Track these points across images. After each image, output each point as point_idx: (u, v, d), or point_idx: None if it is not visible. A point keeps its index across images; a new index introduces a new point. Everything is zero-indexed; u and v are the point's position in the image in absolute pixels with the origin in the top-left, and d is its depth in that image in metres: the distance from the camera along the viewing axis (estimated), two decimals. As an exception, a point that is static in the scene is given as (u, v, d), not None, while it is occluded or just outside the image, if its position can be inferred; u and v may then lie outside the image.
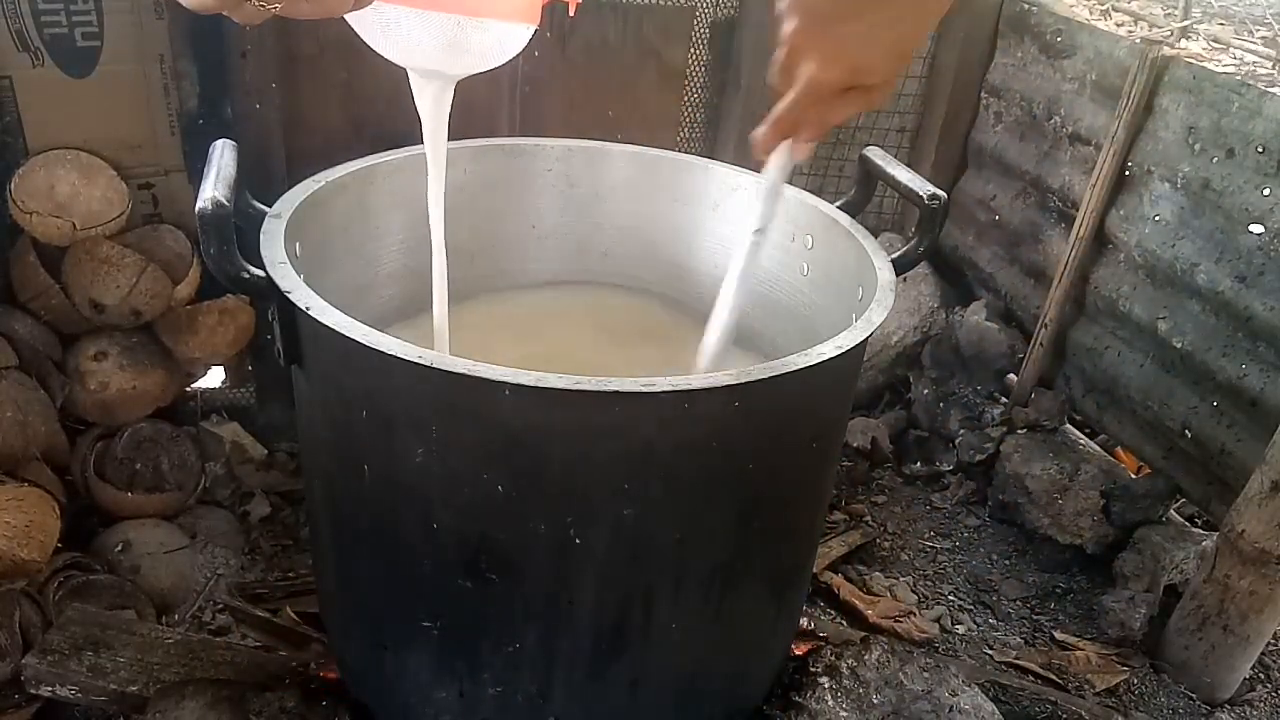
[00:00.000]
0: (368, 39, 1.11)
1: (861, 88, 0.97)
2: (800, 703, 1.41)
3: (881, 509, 2.14)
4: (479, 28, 1.09)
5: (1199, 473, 1.87)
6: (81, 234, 1.62)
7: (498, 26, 1.11)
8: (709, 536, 1.13)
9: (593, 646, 1.16)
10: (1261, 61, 2.14)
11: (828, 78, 0.96)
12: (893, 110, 2.37)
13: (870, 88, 0.98)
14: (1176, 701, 1.72)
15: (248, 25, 0.85)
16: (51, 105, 1.61)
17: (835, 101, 0.99)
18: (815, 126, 1.03)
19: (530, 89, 1.94)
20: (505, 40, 1.14)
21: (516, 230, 1.57)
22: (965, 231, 2.44)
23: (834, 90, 0.98)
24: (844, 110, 1.00)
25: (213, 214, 1.00)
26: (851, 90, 0.98)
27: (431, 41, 1.08)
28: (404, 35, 1.08)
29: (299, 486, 1.92)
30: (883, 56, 0.96)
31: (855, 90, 0.98)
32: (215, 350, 1.80)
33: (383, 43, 1.10)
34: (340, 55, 1.77)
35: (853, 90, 0.98)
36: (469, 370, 0.93)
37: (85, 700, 1.40)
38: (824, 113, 1.00)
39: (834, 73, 0.96)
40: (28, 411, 1.58)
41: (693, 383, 0.96)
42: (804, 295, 1.44)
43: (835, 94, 0.98)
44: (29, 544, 1.49)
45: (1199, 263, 1.82)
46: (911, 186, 1.30)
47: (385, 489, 1.10)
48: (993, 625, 1.87)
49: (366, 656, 1.30)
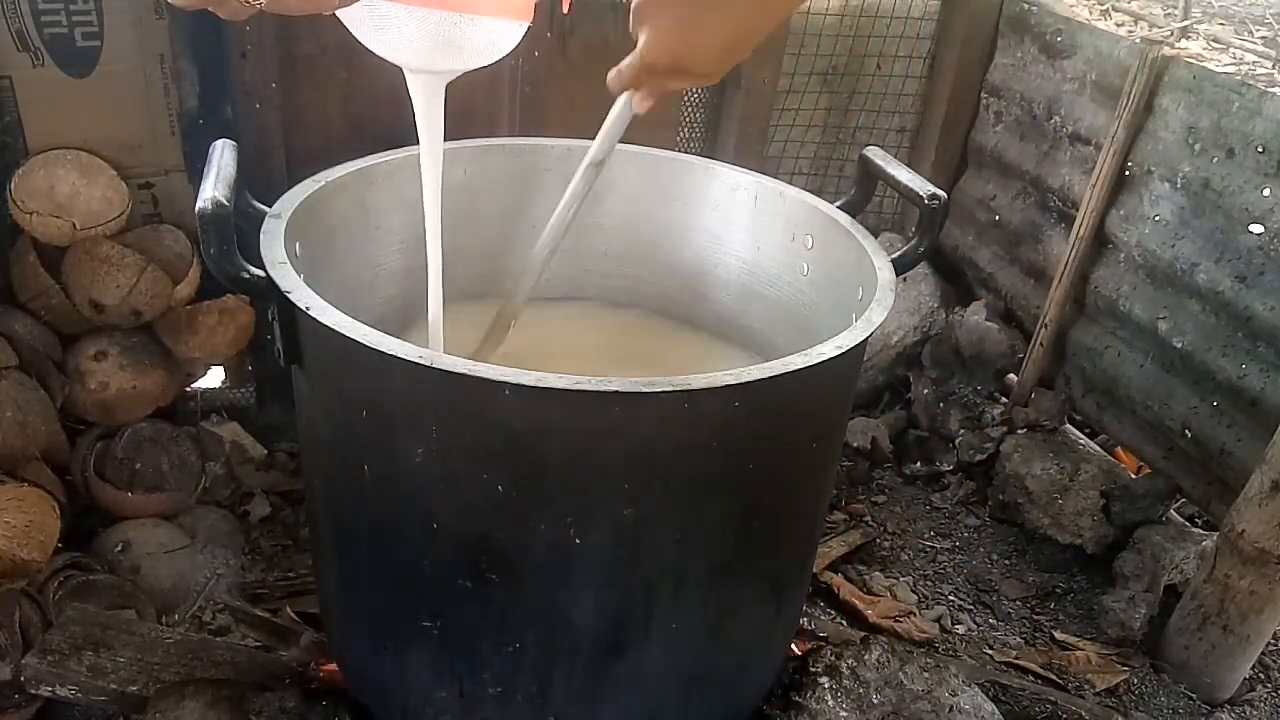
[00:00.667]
0: (360, 37, 1.10)
1: (687, 72, 1.02)
2: (800, 703, 1.41)
3: (881, 509, 2.14)
4: (472, 25, 1.10)
5: (1199, 473, 1.87)
6: (81, 234, 1.62)
7: (491, 23, 1.11)
8: (709, 536, 1.13)
9: (593, 646, 1.16)
10: (1261, 61, 2.14)
11: (652, 60, 1.00)
12: (893, 110, 2.37)
13: (697, 74, 1.02)
14: (1176, 701, 1.72)
15: (233, 20, 0.86)
16: (51, 105, 1.61)
17: (663, 76, 1.03)
18: (649, 90, 1.07)
19: (530, 89, 1.94)
20: (499, 37, 1.14)
21: (516, 230, 1.57)
22: (965, 231, 2.44)
23: (659, 69, 1.02)
24: (672, 85, 1.06)
25: (213, 214, 1.00)
26: (680, 71, 1.01)
27: (424, 39, 1.08)
28: (397, 32, 1.08)
29: (299, 486, 1.92)
30: (710, 52, 0.99)
31: (684, 72, 1.02)
32: (215, 350, 1.80)
33: (376, 40, 1.10)
34: (340, 55, 1.77)
35: (681, 71, 1.01)
36: (469, 370, 0.93)
37: (85, 700, 1.40)
38: (654, 81, 1.05)
39: (659, 55, 1.00)
40: (28, 411, 1.58)
41: (693, 383, 0.95)
42: (804, 295, 1.43)
43: (661, 72, 1.02)
44: (29, 544, 1.49)
45: (1199, 263, 1.82)
46: (911, 186, 1.30)
47: (385, 489, 1.10)
48: (993, 625, 1.87)
49: (366, 656, 1.30)
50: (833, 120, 2.35)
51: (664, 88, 1.07)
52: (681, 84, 1.07)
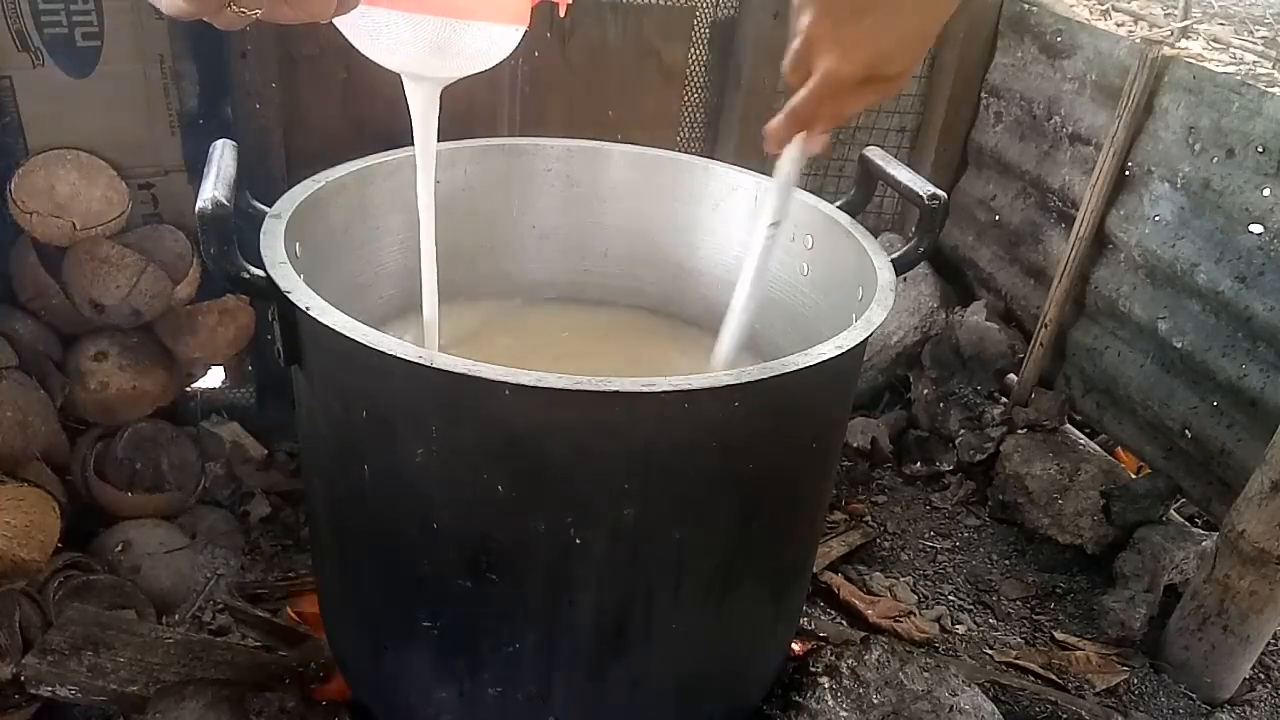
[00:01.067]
0: (357, 43, 1.10)
1: (879, 78, 0.97)
2: (800, 703, 1.41)
3: (881, 509, 2.14)
4: (468, 30, 1.09)
5: (1199, 473, 1.87)
6: (81, 234, 1.62)
7: (487, 29, 1.11)
8: (709, 536, 1.13)
9: (593, 646, 1.16)
10: (1261, 61, 2.14)
11: (846, 69, 0.96)
12: (893, 110, 2.37)
13: (888, 78, 0.98)
14: (1176, 701, 1.72)
15: (229, 30, 0.85)
16: (51, 105, 1.61)
17: (852, 93, 0.98)
18: (831, 118, 1.02)
19: (530, 89, 1.94)
20: (495, 43, 1.13)
21: (517, 230, 1.57)
22: (965, 231, 2.44)
23: (852, 82, 0.97)
24: (861, 101, 1.00)
25: (213, 214, 1.00)
26: (869, 81, 0.97)
27: (421, 45, 1.08)
28: (394, 39, 1.07)
29: (299, 486, 1.92)
30: (901, 47, 0.96)
31: (873, 81, 0.97)
32: (215, 350, 1.80)
33: (372, 47, 1.10)
34: (340, 55, 1.77)
35: (870, 81, 0.97)
36: (469, 370, 0.93)
37: (85, 700, 1.40)
38: (840, 104, 1.00)
39: (852, 64, 0.95)
40: (28, 411, 1.58)
41: (693, 383, 0.95)
42: (804, 295, 1.43)
43: (852, 85, 0.97)
44: (29, 544, 1.49)
45: (1199, 263, 1.82)
46: (911, 186, 1.30)
47: (385, 489, 1.10)
48: (993, 625, 1.87)
49: (366, 656, 1.30)
50: (833, 120, 2.34)
51: (848, 108, 1.01)
52: (869, 99, 1.00)
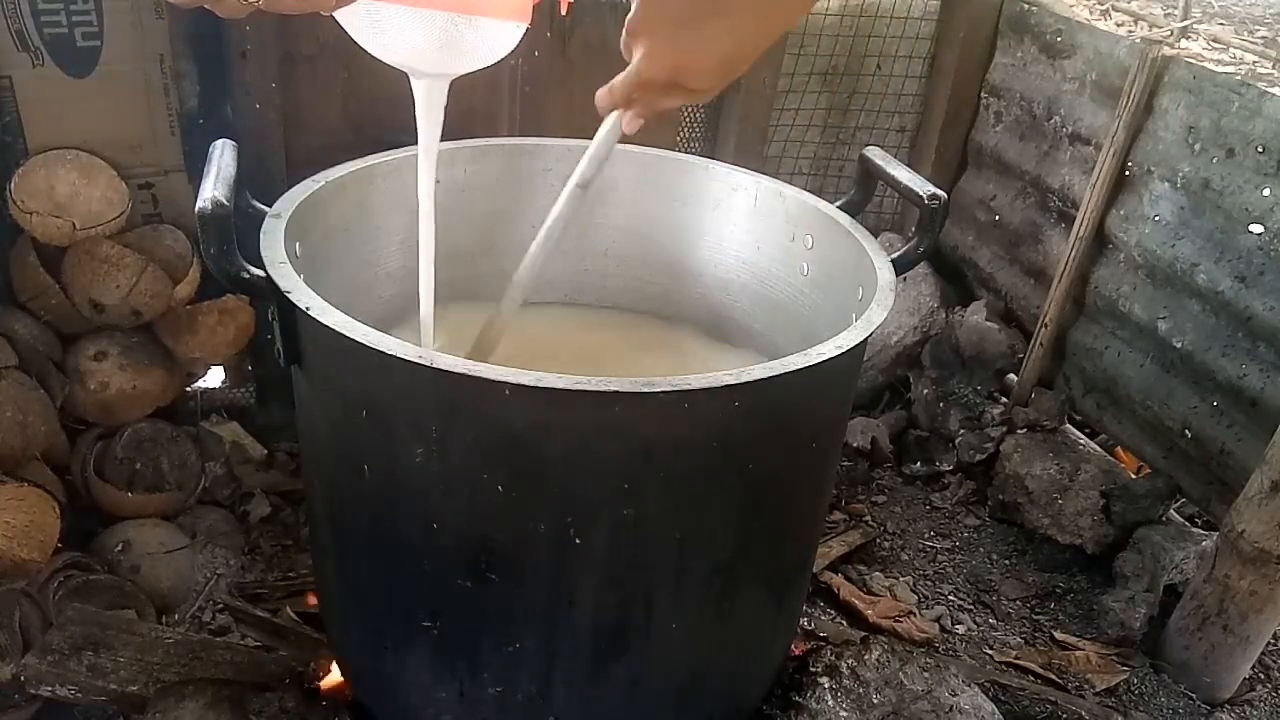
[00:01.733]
0: (359, 38, 1.10)
1: (683, 88, 1.00)
2: (800, 703, 1.41)
3: (881, 509, 2.14)
4: (470, 26, 1.09)
5: (1199, 473, 1.87)
6: (81, 234, 1.62)
7: (490, 25, 1.11)
8: (709, 536, 1.13)
9: (593, 646, 1.16)
10: (1261, 61, 2.14)
11: (650, 74, 1.00)
12: (893, 110, 2.37)
13: (692, 90, 1.01)
14: (1176, 701, 1.72)
15: (231, 19, 0.86)
16: (51, 105, 1.61)
17: (659, 93, 1.02)
18: (641, 108, 1.07)
19: (530, 89, 1.94)
20: (497, 39, 1.13)
21: (517, 230, 1.57)
22: (965, 231, 2.44)
23: (656, 85, 1.01)
24: (667, 102, 1.05)
25: (213, 214, 1.01)
26: (674, 86, 1.00)
27: (423, 40, 1.08)
28: (396, 35, 1.07)
29: (299, 486, 1.92)
30: (709, 68, 0.98)
31: (678, 88, 1.01)
32: (215, 350, 1.80)
33: (374, 42, 1.10)
34: (340, 55, 1.77)
35: (676, 87, 1.01)
36: (469, 370, 0.93)
37: (85, 700, 1.40)
38: (649, 99, 1.04)
39: (657, 70, 0.99)
40: (28, 411, 1.58)
41: (692, 383, 0.95)
42: (804, 295, 1.43)
43: (658, 87, 1.01)
44: (29, 544, 1.49)
45: (1199, 263, 1.82)
46: (911, 186, 1.30)
47: (385, 489, 1.10)
48: (993, 625, 1.87)
49: (366, 656, 1.30)
50: (833, 120, 2.35)
51: (657, 105, 1.06)
52: (676, 101, 1.05)
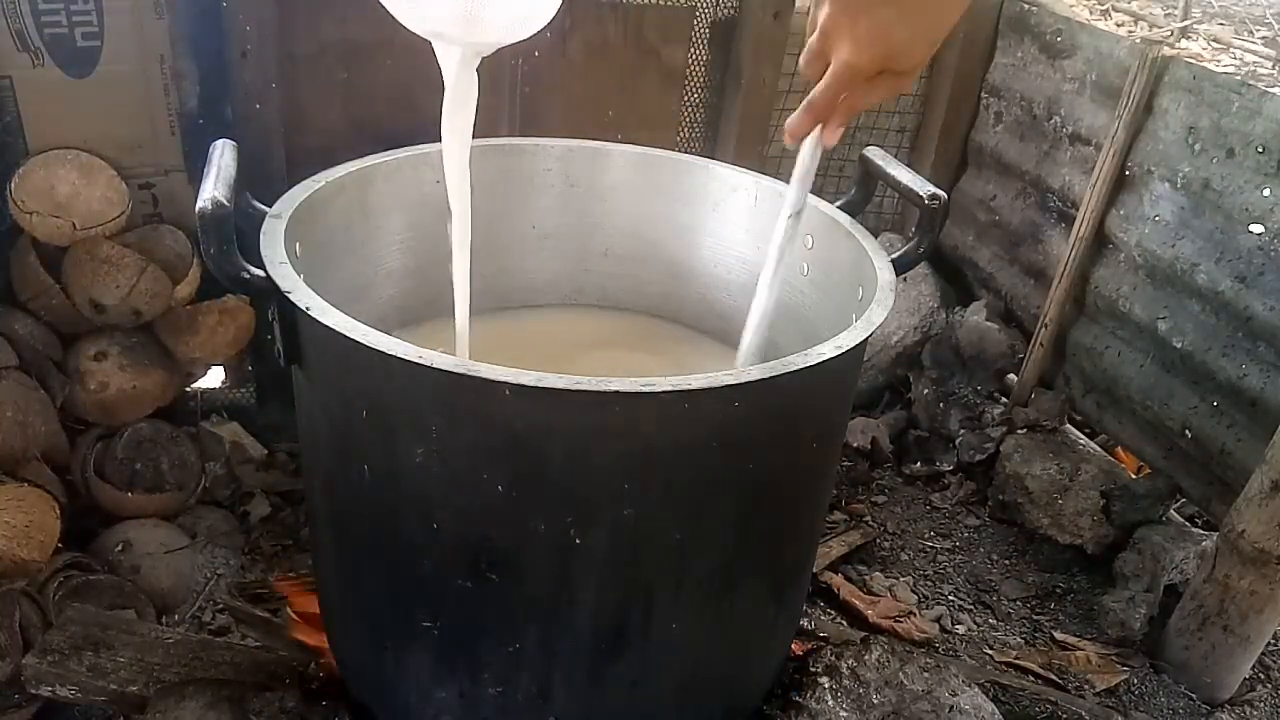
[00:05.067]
0: (391, 7, 1.09)
1: (892, 72, 1.00)
2: (800, 703, 1.41)
3: (881, 509, 2.14)
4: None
5: (1199, 473, 1.87)
6: (81, 234, 1.62)
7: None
8: (709, 536, 1.13)
9: (593, 646, 1.16)
10: (1261, 61, 2.14)
11: (861, 62, 0.99)
12: (893, 110, 2.37)
13: (901, 72, 1.01)
14: (1176, 701, 1.72)
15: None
16: (51, 105, 1.61)
17: (867, 86, 1.02)
18: (847, 110, 1.06)
19: (530, 89, 1.94)
20: (534, 10, 1.12)
21: (516, 230, 1.57)
22: (965, 231, 2.44)
23: (866, 75, 1.00)
24: (876, 94, 1.04)
25: (213, 214, 1.00)
26: (883, 74, 1.00)
27: (457, 9, 1.07)
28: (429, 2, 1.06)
29: (299, 486, 1.92)
30: (915, 41, 0.99)
31: (886, 74, 1.01)
32: (215, 350, 1.79)
33: (405, 10, 1.08)
34: (340, 55, 1.77)
35: (884, 74, 1.01)
36: (469, 370, 0.93)
37: (85, 700, 1.40)
38: (856, 97, 1.04)
39: (867, 57, 0.99)
40: (28, 411, 1.58)
41: (693, 383, 0.95)
42: (804, 295, 1.43)
43: (867, 78, 1.01)
44: (29, 544, 1.49)
45: (1199, 263, 1.82)
46: (911, 186, 1.30)
47: (385, 489, 1.10)
48: (993, 625, 1.87)
49: (366, 656, 1.30)
50: (833, 120, 2.34)
51: (865, 101, 1.04)
52: (882, 92, 1.03)
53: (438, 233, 1.37)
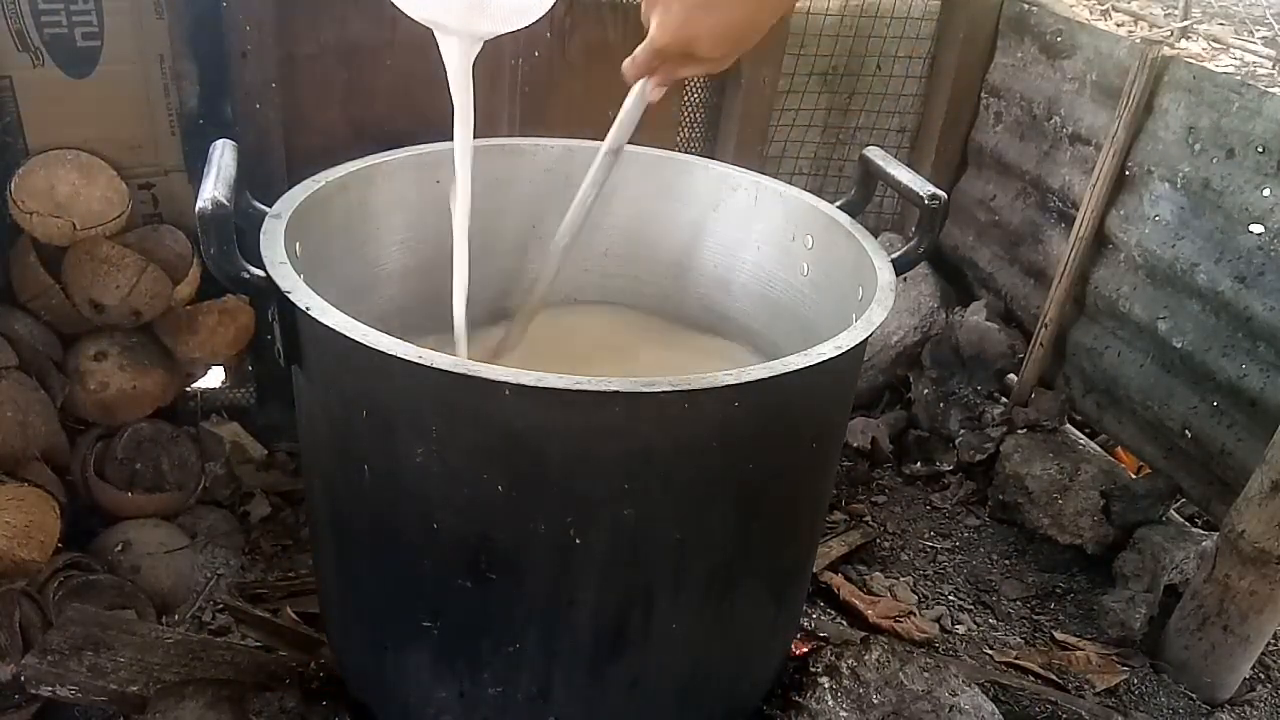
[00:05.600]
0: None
1: (696, 58, 1.07)
2: (800, 703, 1.41)
3: (881, 509, 2.14)
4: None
5: (1199, 473, 1.87)
6: (81, 234, 1.62)
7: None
8: (709, 536, 1.13)
9: (593, 646, 1.16)
10: (1261, 61, 2.14)
11: (662, 43, 1.06)
12: (893, 110, 2.37)
13: (704, 59, 1.07)
14: (1176, 701, 1.72)
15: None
16: (51, 105, 1.61)
17: (674, 62, 1.09)
18: (661, 77, 1.13)
19: (530, 89, 1.94)
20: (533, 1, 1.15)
21: (517, 230, 1.57)
22: (965, 231, 2.44)
23: (669, 54, 1.07)
24: (685, 72, 1.12)
25: (213, 214, 1.01)
26: (689, 57, 1.07)
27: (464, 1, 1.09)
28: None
29: (299, 486, 1.92)
30: (717, 37, 1.04)
31: (692, 58, 1.07)
32: (215, 350, 1.79)
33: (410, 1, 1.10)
34: (340, 55, 1.77)
35: (690, 57, 1.07)
36: (469, 370, 0.93)
37: (85, 700, 1.40)
38: (666, 68, 1.11)
39: (669, 39, 1.06)
40: (28, 411, 1.58)
41: (693, 383, 0.95)
42: (804, 295, 1.43)
43: (672, 57, 1.08)
44: (29, 544, 1.49)
45: (1199, 263, 1.82)
46: (911, 186, 1.30)
47: (385, 489, 1.10)
48: (993, 625, 1.87)
49: (366, 656, 1.30)
50: (833, 120, 2.35)
51: (674, 74, 1.11)
52: (691, 70, 1.10)
53: (438, 233, 1.37)
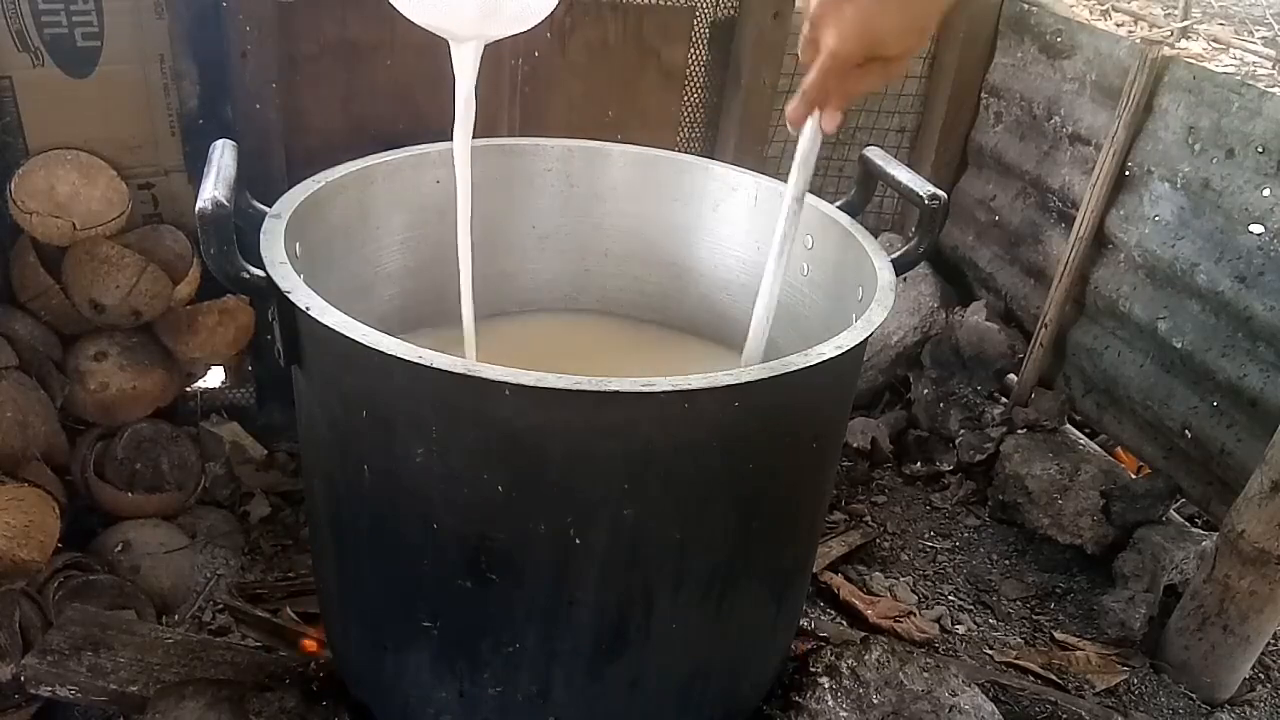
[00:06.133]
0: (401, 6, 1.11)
1: (880, 59, 1.02)
2: (800, 703, 1.41)
3: (881, 509, 2.14)
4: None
5: (1199, 473, 1.87)
6: (81, 234, 1.62)
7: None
8: (709, 536, 1.13)
9: (593, 646, 1.16)
10: (1261, 61, 2.14)
11: (846, 50, 1.01)
12: (893, 110, 2.37)
13: (889, 59, 1.03)
14: (1176, 701, 1.72)
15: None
16: (51, 105, 1.61)
17: (855, 73, 1.04)
18: (839, 97, 1.08)
19: (530, 89, 1.94)
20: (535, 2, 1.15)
21: (516, 230, 1.57)
22: (965, 231, 2.44)
23: (853, 62, 1.02)
24: (865, 82, 1.06)
25: (213, 214, 1.00)
26: (871, 62, 1.02)
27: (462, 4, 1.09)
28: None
29: (299, 486, 1.92)
30: (901, 28, 1.00)
31: (875, 62, 1.03)
32: (215, 350, 1.80)
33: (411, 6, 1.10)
34: (340, 55, 1.77)
35: (872, 62, 1.02)
36: (469, 370, 0.93)
37: (85, 700, 1.40)
38: (846, 84, 1.06)
39: (853, 44, 1.01)
40: (28, 411, 1.58)
41: (692, 383, 0.95)
42: (804, 295, 1.44)
43: (855, 66, 1.03)
44: (29, 544, 1.49)
45: (1199, 263, 1.82)
46: (911, 186, 1.30)
47: (385, 489, 1.10)
48: (993, 625, 1.87)
49: (366, 656, 1.30)
50: (833, 120, 2.34)
51: (856, 88, 1.06)
52: (873, 79, 1.05)
53: (438, 233, 1.37)
